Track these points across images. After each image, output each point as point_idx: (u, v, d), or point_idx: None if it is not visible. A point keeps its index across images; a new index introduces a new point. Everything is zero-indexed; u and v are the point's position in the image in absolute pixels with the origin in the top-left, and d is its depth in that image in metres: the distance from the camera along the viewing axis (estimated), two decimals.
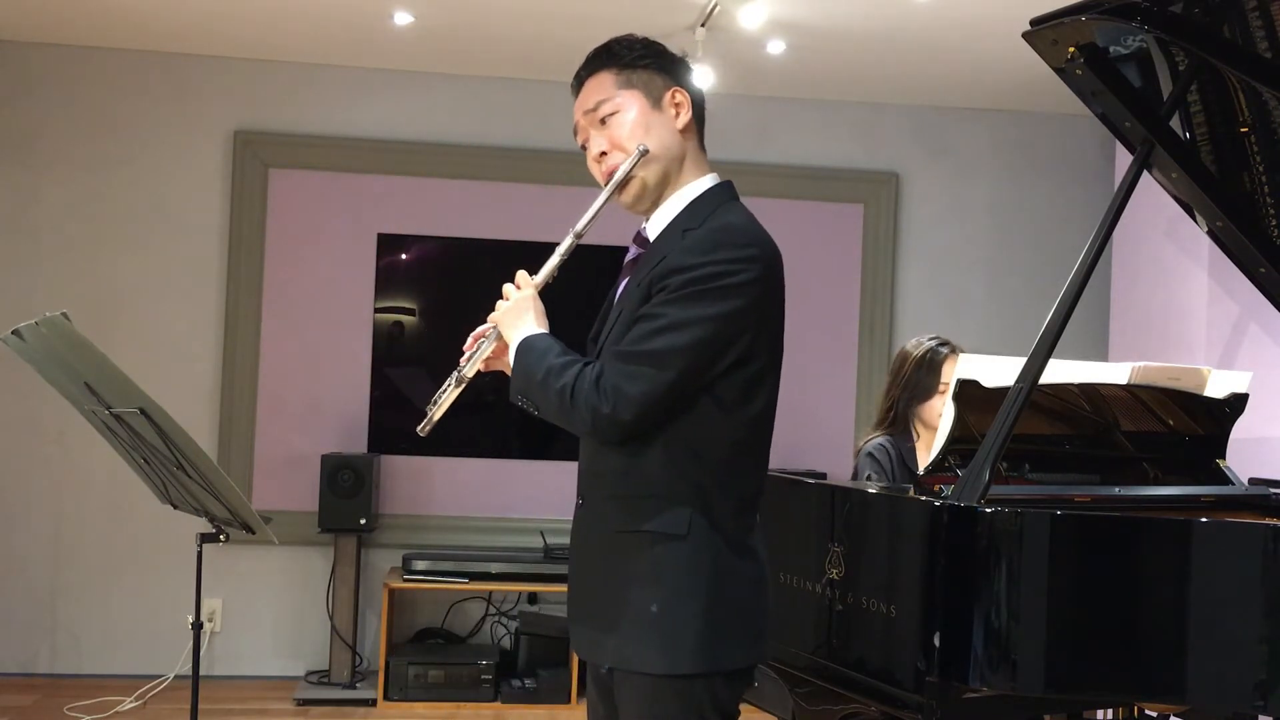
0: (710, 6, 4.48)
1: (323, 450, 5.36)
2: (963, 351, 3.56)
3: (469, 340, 2.19)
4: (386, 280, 5.56)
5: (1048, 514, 2.46)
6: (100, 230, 5.43)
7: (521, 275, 2.15)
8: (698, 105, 2.16)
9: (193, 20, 5.01)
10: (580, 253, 2.17)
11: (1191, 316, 4.49)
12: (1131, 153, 2.87)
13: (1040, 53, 2.78)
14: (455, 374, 2.15)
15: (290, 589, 5.50)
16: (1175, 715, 3.16)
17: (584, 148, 2.18)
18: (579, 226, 2.12)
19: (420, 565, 5.23)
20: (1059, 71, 2.81)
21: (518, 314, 2.09)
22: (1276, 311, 3.16)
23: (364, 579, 5.40)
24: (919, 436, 3.55)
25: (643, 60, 2.15)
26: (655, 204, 2.12)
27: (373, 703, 5.12)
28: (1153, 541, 2.46)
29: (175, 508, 3.32)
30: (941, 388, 3.47)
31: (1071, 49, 2.71)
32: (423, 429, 2.17)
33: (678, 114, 2.12)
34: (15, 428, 5.35)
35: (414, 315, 5.66)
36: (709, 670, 1.96)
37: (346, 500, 5.20)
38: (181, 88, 5.48)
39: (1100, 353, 5.16)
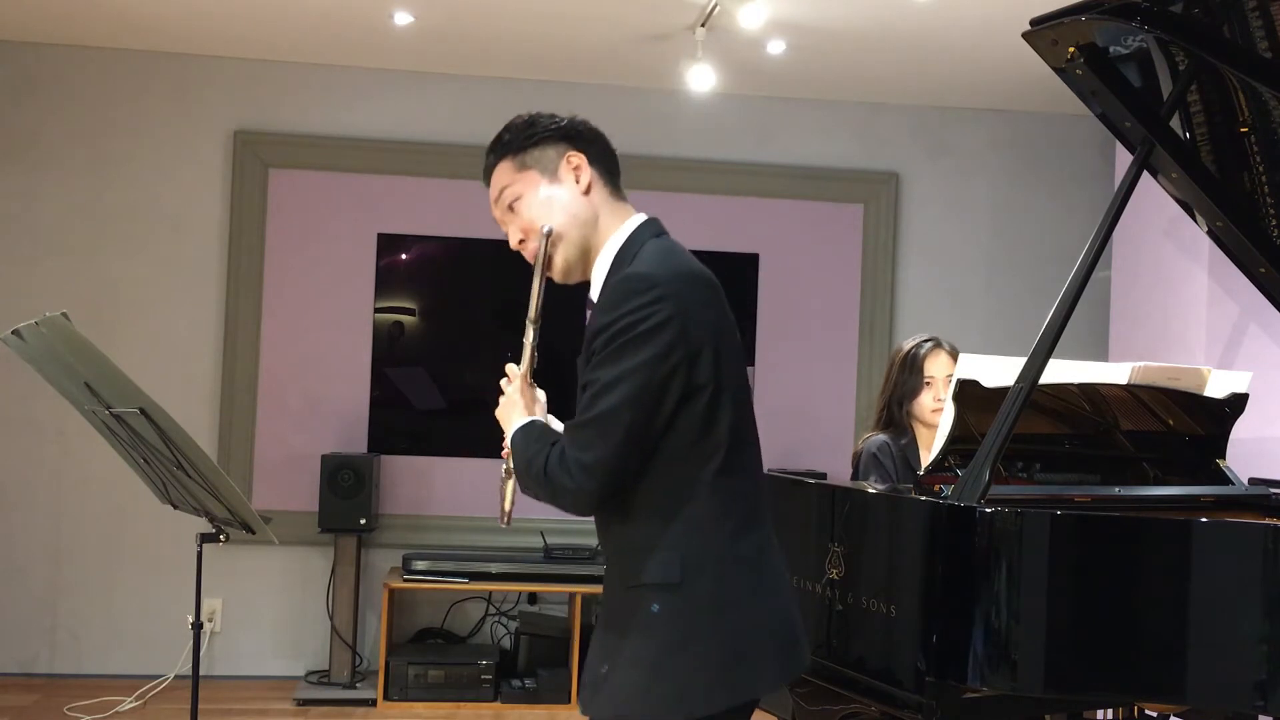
0: (710, 6, 4.48)
1: (323, 450, 5.36)
2: (954, 348, 3.62)
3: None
4: (386, 280, 5.56)
5: (1048, 514, 2.46)
6: (100, 230, 5.43)
7: (509, 369, 2.21)
8: (600, 155, 2.18)
9: (193, 20, 5.01)
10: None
11: (1191, 316, 4.49)
12: (1131, 153, 2.87)
13: (1040, 53, 2.79)
14: (504, 467, 2.25)
15: (290, 589, 5.50)
16: (1175, 715, 3.16)
17: None
18: (531, 315, 2.18)
19: (420, 565, 5.23)
20: (1059, 71, 2.81)
21: (507, 411, 2.17)
22: (1276, 311, 3.16)
23: (364, 579, 5.40)
24: (917, 434, 3.59)
25: (530, 139, 2.16)
26: (586, 270, 2.16)
27: (373, 703, 5.12)
28: (1153, 541, 2.47)
29: (175, 508, 3.32)
30: (927, 380, 3.55)
31: (1071, 49, 2.72)
32: (504, 522, 2.33)
33: (577, 178, 2.14)
34: (15, 428, 5.35)
35: (414, 315, 5.66)
36: (724, 707, 1.98)
37: (346, 500, 5.20)
38: (181, 88, 5.48)
39: (1100, 353, 5.16)
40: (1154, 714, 3.36)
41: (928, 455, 3.45)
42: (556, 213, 2.13)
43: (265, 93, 5.52)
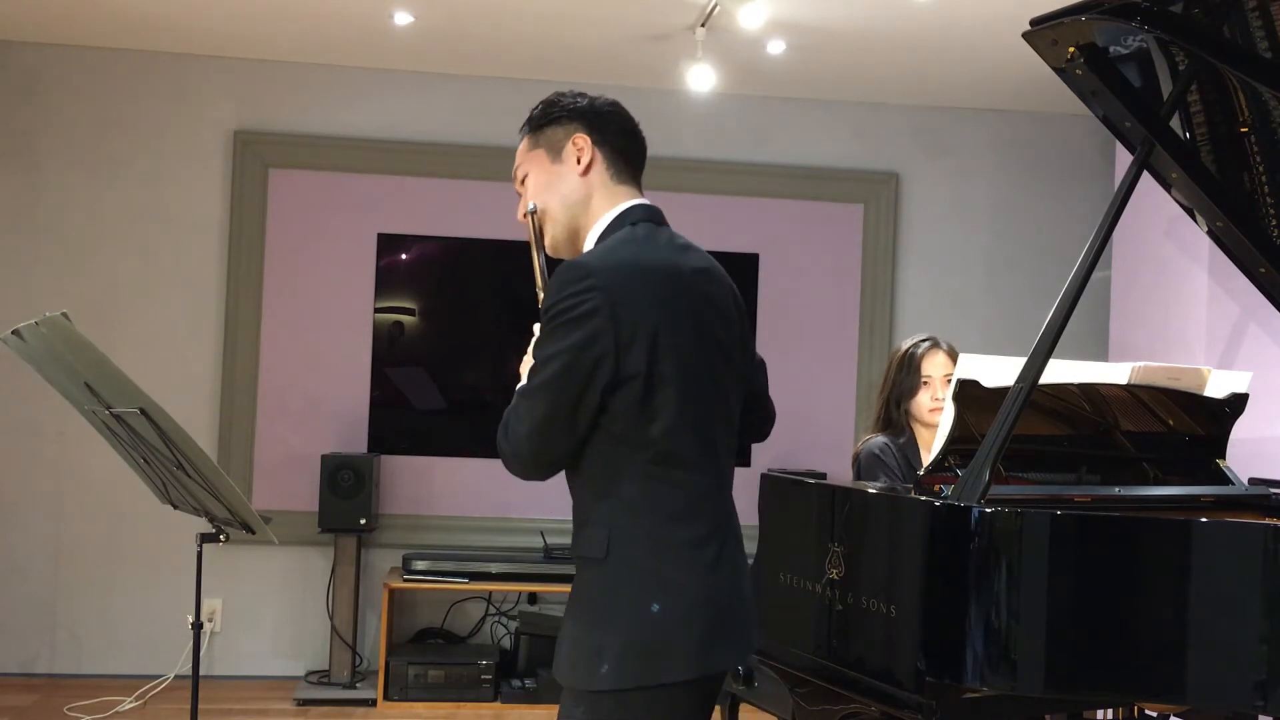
0: (710, 6, 4.48)
1: (323, 450, 5.37)
2: (952, 348, 3.63)
3: None
4: (386, 280, 5.56)
5: (1048, 514, 2.46)
6: (100, 230, 5.43)
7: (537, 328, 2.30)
8: (613, 139, 2.24)
9: (193, 20, 5.01)
10: None
11: (1191, 316, 4.50)
12: (1131, 153, 2.87)
13: (1040, 53, 2.79)
14: None
15: (290, 589, 5.50)
16: (1175, 715, 3.16)
17: None
18: (539, 284, 2.26)
19: (420, 565, 5.23)
20: (1059, 71, 2.81)
21: (526, 367, 2.24)
22: (1276, 311, 3.16)
23: (364, 579, 5.41)
24: (916, 433, 3.60)
25: (546, 118, 2.27)
26: (576, 248, 2.25)
27: (373, 703, 5.12)
28: (1153, 541, 2.46)
29: (175, 508, 3.32)
30: (925, 380, 3.57)
31: (1071, 49, 2.72)
32: None
33: (579, 159, 2.22)
34: (15, 428, 5.35)
35: (414, 315, 5.66)
36: (626, 687, 2.03)
37: (346, 500, 5.20)
38: (181, 88, 5.48)
39: (1100, 353, 5.16)
40: (1154, 714, 3.36)
41: (927, 455, 3.45)
42: (550, 193, 2.24)
43: (265, 93, 5.52)
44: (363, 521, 5.22)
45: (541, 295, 2.19)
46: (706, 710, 2.17)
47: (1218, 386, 3.06)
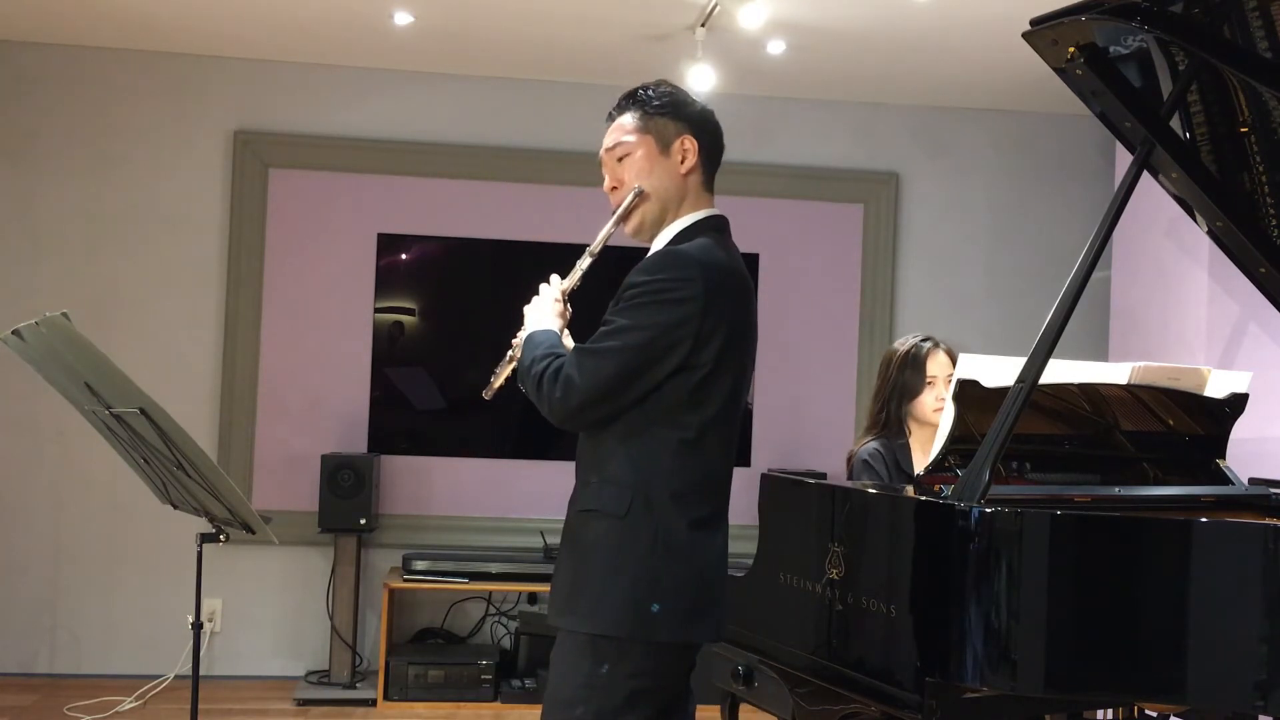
0: (710, 6, 4.48)
1: (323, 450, 5.37)
2: (950, 347, 3.62)
3: None
4: (386, 280, 5.56)
5: (1048, 514, 2.46)
6: (100, 230, 5.43)
7: (554, 277, 2.50)
8: (709, 149, 2.44)
9: (193, 20, 5.01)
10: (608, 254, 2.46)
11: (1191, 316, 4.50)
12: (1131, 153, 2.87)
13: (1040, 53, 2.78)
14: (509, 353, 2.49)
15: (290, 589, 5.50)
16: (1175, 715, 3.16)
17: None
18: (593, 247, 2.45)
19: (420, 565, 5.23)
20: (1059, 71, 2.81)
21: (537, 309, 2.45)
22: (1276, 311, 3.15)
23: (364, 579, 5.40)
24: (911, 434, 3.59)
25: (663, 109, 2.41)
26: (654, 235, 2.42)
27: (373, 703, 5.12)
28: (1153, 541, 2.46)
29: (175, 508, 3.32)
30: (929, 380, 3.55)
31: (1071, 49, 2.72)
32: (486, 394, 2.54)
33: (684, 160, 2.40)
34: (15, 428, 5.35)
35: (414, 315, 5.66)
36: (628, 634, 2.22)
37: (346, 500, 5.20)
38: (181, 88, 5.48)
39: (1100, 353, 5.16)
40: (1154, 714, 3.36)
41: (925, 455, 3.45)
42: (654, 178, 2.39)
43: (265, 93, 5.52)
44: (363, 521, 5.22)
45: (594, 252, 2.42)
46: (686, 679, 2.39)
47: (1218, 386, 3.06)
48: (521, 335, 2.42)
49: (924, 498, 2.56)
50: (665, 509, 2.25)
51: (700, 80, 4.88)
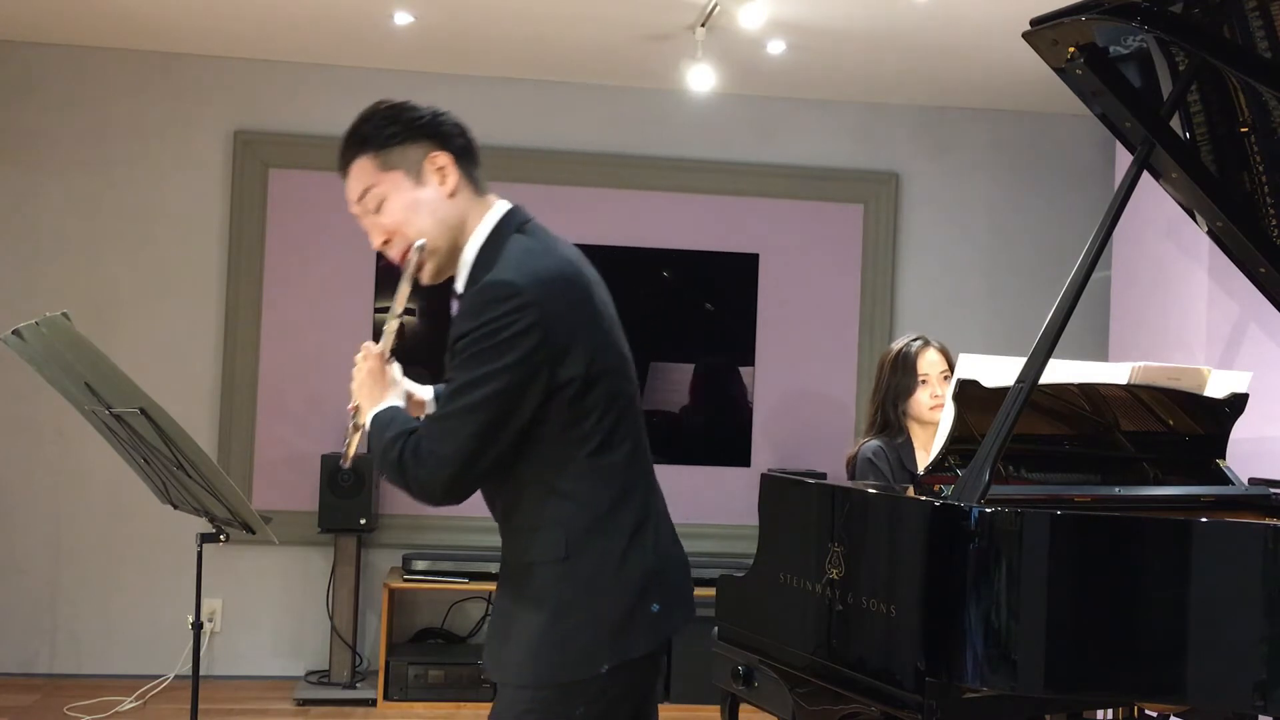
0: (710, 6, 4.48)
1: (323, 450, 5.36)
2: (942, 345, 3.65)
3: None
4: (386, 280, 5.56)
5: (1048, 514, 2.46)
6: (100, 230, 5.43)
7: (367, 345, 2.30)
8: (462, 150, 2.20)
9: (193, 20, 5.01)
10: (584, 254, 2.26)
11: (1191, 316, 4.49)
12: (1131, 153, 2.87)
13: (1040, 53, 2.78)
14: (351, 422, 2.30)
15: (290, 589, 5.50)
16: (1175, 715, 3.16)
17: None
18: (395, 309, 2.25)
19: (420, 565, 5.23)
20: (1059, 71, 2.81)
21: (365, 386, 2.25)
22: (1276, 311, 3.15)
23: (364, 579, 5.40)
24: (912, 434, 3.60)
25: (394, 136, 2.19)
26: (455, 267, 2.21)
27: (373, 703, 5.12)
28: (1153, 541, 2.46)
29: (175, 508, 3.32)
30: (922, 379, 3.59)
31: (1071, 49, 2.71)
32: (345, 462, 2.34)
33: (443, 179, 2.16)
34: (15, 428, 5.35)
35: (414, 315, 5.66)
36: (600, 671, 2.08)
37: (346, 500, 5.20)
38: (181, 88, 5.48)
39: (1100, 353, 5.16)
40: (1154, 714, 3.36)
41: (925, 454, 3.46)
42: (424, 218, 2.17)
43: (265, 93, 5.52)
44: (363, 521, 5.22)
45: (399, 314, 2.24)
46: (661, 675, 2.29)
47: (1218, 386, 3.06)
48: (357, 405, 2.24)
49: (924, 498, 2.56)
50: (602, 532, 2.09)
51: (700, 80, 4.88)
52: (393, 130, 2.20)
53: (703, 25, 4.66)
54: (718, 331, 5.88)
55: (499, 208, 2.20)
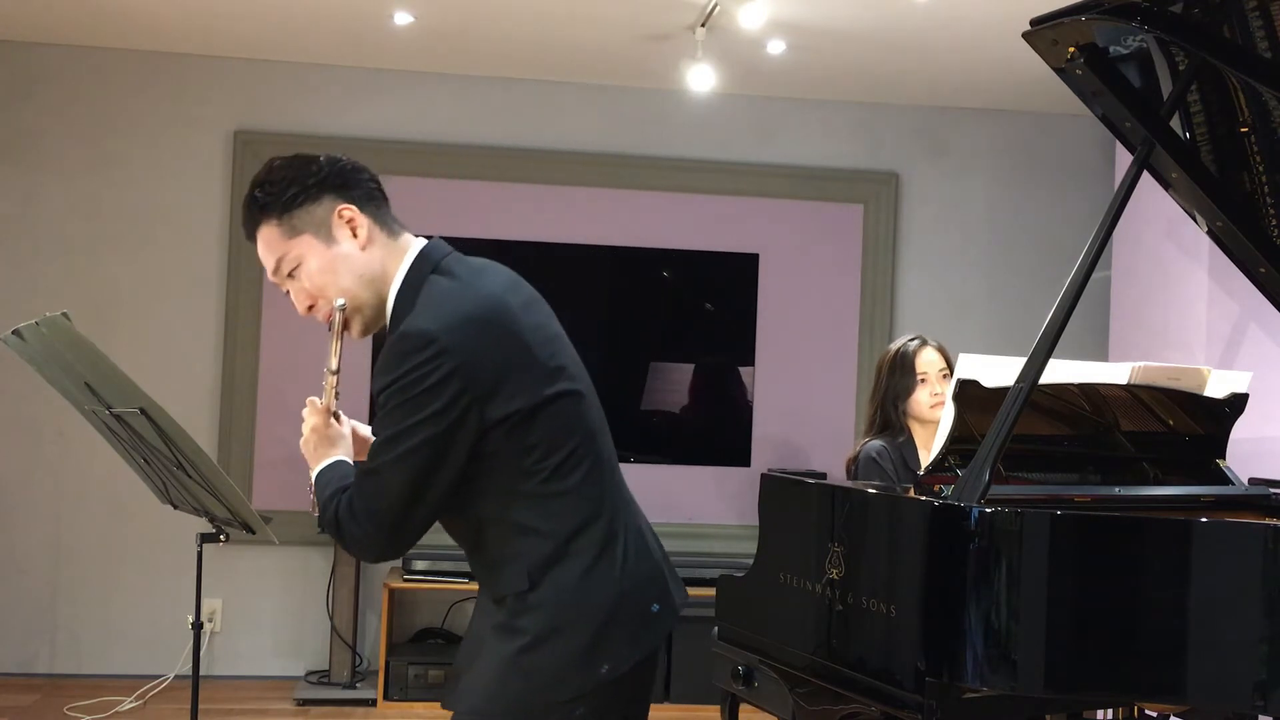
0: (710, 6, 4.48)
1: None
2: (940, 345, 3.66)
3: None
4: None
5: (1048, 514, 2.46)
6: (100, 231, 5.43)
7: (311, 400, 2.20)
8: (366, 197, 2.16)
9: (193, 20, 5.01)
10: (584, 254, 2.21)
11: (1191, 316, 4.50)
12: (1131, 153, 2.87)
13: (1040, 53, 2.79)
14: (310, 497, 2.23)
15: (290, 589, 5.50)
16: (1175, 715, 3.16)
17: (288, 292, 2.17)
18: (331, 365, 2.15)
19: (420, 565, 5.22)
20: (1059, 71, 2.81)
21: (311, 444, 2.16)
22: (1276, 311, 3.15)
23: (364, 579, 5.40)
24: (914, 433, 3.61)
25: (296, 198, 2.11)
26: (384, 318, 2.12)
27: (373, 703, 5.12)
28: (1153, 541, 2.47)
29: (175, 508, 3.32)
30: (920, 378, 3.59)
31: (1071, 49, 2.72)
32: (315, 510, 2.21)
33: (354, 232, 2.11)
34: (15, 428, 5.35)
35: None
36: (586, 692, 2.04)
37: None
38: (181, 88, 5.48)
39: (1100, 353, 5.16)
40: (1154, 714, 3.36)
41: (926, 453, 3.46)
42: (344, 277, 2.09)
43: (265, 93, 5.52)
44: None
45: (335, 370, 2.14)
46: (653, 682, 2.22)
47: (1218, 386, 3.06)
48: (312, 476, 2.16)
49: (923, 498, 2.56)
50: (568, 555, 2.04)
51: (700, 80, 4.88)
52: (293, 191, 2.12)
53: (703, 25, 4.66)
54: (717, 331, 5.88)
55: (413, 249, 2.14)
